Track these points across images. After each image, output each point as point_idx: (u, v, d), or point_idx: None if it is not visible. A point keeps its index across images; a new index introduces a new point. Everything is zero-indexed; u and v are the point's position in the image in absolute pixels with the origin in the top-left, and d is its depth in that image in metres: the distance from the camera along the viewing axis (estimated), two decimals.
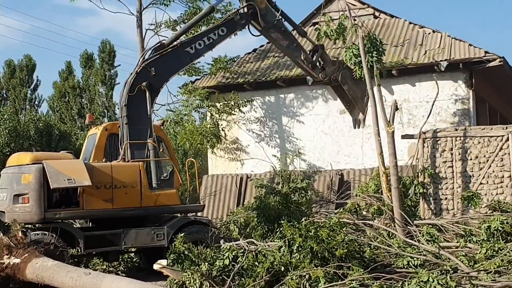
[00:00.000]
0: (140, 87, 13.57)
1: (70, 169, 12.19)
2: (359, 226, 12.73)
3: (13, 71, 48.73)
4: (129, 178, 12.88)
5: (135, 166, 13.04)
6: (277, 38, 15.41)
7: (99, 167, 12.78)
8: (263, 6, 14.93)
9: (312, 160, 19.82)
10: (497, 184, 15.25)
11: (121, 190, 12.73)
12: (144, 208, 13.01)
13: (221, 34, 14.80)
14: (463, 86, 18.21)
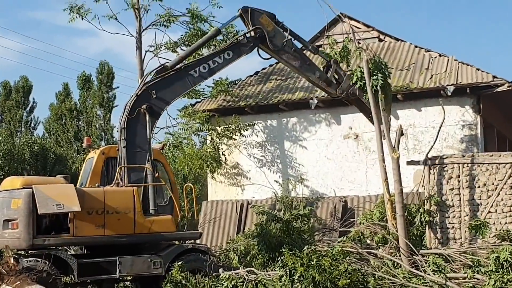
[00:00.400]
0: (140, 110, 13.57)
1: (59, 194, 12.15)
2: (363, 255, 12.65)
3: (9, 92, 48.95)
4: (122, 203, 12.77)
5: (128, 191, 12.95)
6: (288, 59, 15.27)
7: (91, 192, 12.73)
8: (270, 29, 14.85)
9: (315, 186, 19.75)
10: (506, 212, 15.19)
11: (114, 216, 12.61)
12: (137, 235, 12.86)
13: (227, 58, 14.70)
14: (470, 111, 18.20)
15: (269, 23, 14.82)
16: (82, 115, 46.87)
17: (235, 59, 14.85)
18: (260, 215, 17.68)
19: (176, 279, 10.90)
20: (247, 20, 14.75)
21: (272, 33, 14.85)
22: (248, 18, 14.71)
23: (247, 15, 14.70)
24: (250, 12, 14.70)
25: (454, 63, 19.12)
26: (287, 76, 21.30)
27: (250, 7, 14.78)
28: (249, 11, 14.70)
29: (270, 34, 14.79)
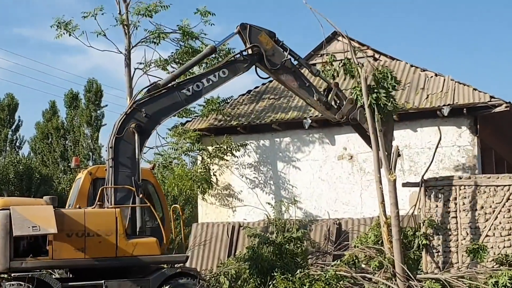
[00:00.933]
0: (129, 129, 13.51)
1: (37, 216, 12.05)
2: (357, 279, 12.66)
3: None
4: (103, 225, 12.63)
5: (110, 213, 12.84)
6: (287, 79, 15.00)
7: (70, 213, 12.64)
8: (269, 47, 14.69)
9: (308, 208, 19.73)
10: (504, 236, 15.20)
11: (95, 238, 12.48)
12: (119, 258, 12.67)
13: (222, 76, 14.51)
14: (467, 132, 18.27)
15: (268, 41, 14.68)
16: (69, 134, 46.76)
17: (231, 77, 14.67)
18: (252, 238, 17.62)
19: None
20: (245, 37, 14.64)
21: (271, 52, 14.69)
22: (247, 35, 14.60)
23: (245, 32, 14.60)
24: (249, 29, 14.60)
25: (451, 83, 19.23)
26: (280, 95, 21.36)
27: (249, 24, 14.65)
28: (248, 28, 14.59)
29: (268, 53, 14.64)
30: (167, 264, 13.53)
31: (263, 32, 14.71)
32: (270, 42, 14.69)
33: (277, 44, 14.85)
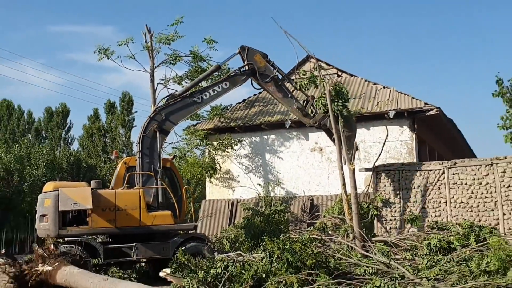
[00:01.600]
0: (152, 129, 13.57)
1: (78, 195, 12.22)
2: (325, 241, 12.68)
3: (51, 116, 48.84)
4: (130, 202, 12.71)
5: (135, 192, 12.90)
6: (273, 91, 14.82)
7: (105, 193, 12.72)
8: (262, 65, 14.57)
9: (288, 188, 19.80)
10: (435, 208, 15.33)
11: (123, 212, 12.57)
12: (142, 227, 12.75)
13: (225, 87, 14.48)
14: (407, 130, 18.38)
15: (261, 61, 14.57)
16: (108, 133, 46.79)
17: (231, 88, 14.60)
18: (246, 211, 17.69)
19: (180, 261, 10.85)
20: (244, 56, 14.54)
21: (263, 69, 14.57)
22: (245, 54, 14.50)
23: (244, 52, 14.52)
24: (247, 50, 14.52)
25: (395, 93, 19.33)
26: (267, 103, 21.40)
27: (247, 46, 14.58)
28: (246, 49, 14.52)
29: (261, 70, 14.54)
30: (178, 231, 13.50)
31: (258, 53, 14.62)
32: (263, 61, 14.59)
33: (268, 63, 14.73)
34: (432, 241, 11.38)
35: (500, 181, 14.54)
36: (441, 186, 15.27)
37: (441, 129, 21.19)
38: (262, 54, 14.66)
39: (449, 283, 9.56)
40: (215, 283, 9.85)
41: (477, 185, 14.85)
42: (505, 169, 14.60)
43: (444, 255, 10.99)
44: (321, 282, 8.87)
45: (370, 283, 8.70)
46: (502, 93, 13.37)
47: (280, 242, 10.01)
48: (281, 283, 9.09)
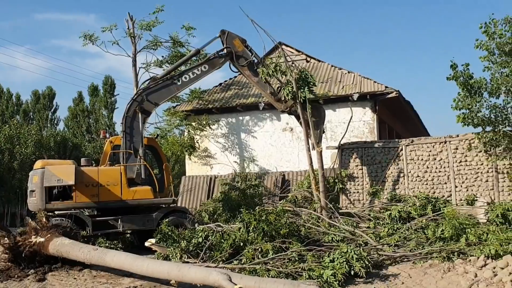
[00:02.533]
0: (135, 110, 13.33)
1: (61, 172, 12.07)
2: (297, 212, 12.80)
3: (38, 98, 47.89)
4: (111, 178, 12.54)
5: (117, 169, 12.73)
6: (249, 75, 14.37)
7: (88, 170, 12.54)
8: (240, 49, 14.14)
9: (262, 165, 19.84)
10: (394, 182, 15.60)
11: (105, 187, 12.42)
12: (123, 201, 12.58)
13: (204, 70, 14.07)
14: (369, 111, 18.54)
15: (240, 45, 14.15)
16: (92, 114, 46.15)
17: (210, 71, 14.19)
18: (223, 186, 17.69)
19: (164, 232, 10.81)
20: (223, 40, 14.14)
21: (241, 53, 14.15)
22: (225, 38, 14.09)
23: (224, 36, 14.11)
24: (227, 35, 14.10)
25: (358, 77, 19.41)
26: (242, 86, 21.26)
27: (227, 31, 14.15)
28: (226, 34, 14.10)
29: (238, 54, 14.11)
30: (158, 205, 13.21)
31: (237, 37, 14.19)
32: (241, 45, 14.17)
33: (246, 48, 14.31)
34: (393, 212, 11.61)
35: (452, 157, 14.86)
36: (400, 162, 15.52)
37: (400, 110, 21.44)
38: (241, 39, 14.26)
39: (408, 248, 9.80)
40: (197, 252, 9.88)
41: (432, 160, 15.15)
42: (457, 146, 14.92)
43: (403, 224, 11.22)
44: (294, 249, 8.97)
45: (338, 249, 8.84)
46: (456, 76, 13.49)
47: (256, 214, 10.06)
48: (257, 251, 9.17)
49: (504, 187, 14.29)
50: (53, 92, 48.49)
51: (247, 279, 6.92)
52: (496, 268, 7.53)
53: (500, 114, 13.70)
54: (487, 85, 13.49)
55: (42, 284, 8.74)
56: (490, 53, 13.63)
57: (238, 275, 7.15)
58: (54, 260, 9.90)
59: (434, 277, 8.07)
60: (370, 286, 7.67)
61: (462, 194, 14.47)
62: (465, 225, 9.87)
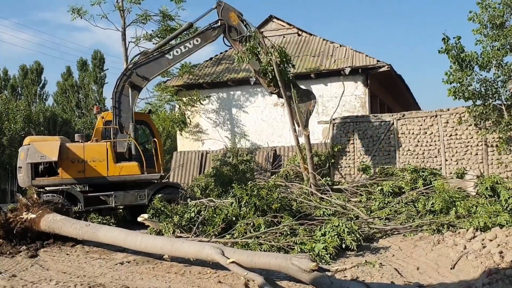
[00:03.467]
0: (125, 85, 13.14)
1: (45, 148, 11.97)
2: (288, 187, 12.85)
3: (26, 73, 47.17)
4: (97, 154, 12.41)
5: (103, 145, 12.60)
6: (241, 50, 13.52)
7: (73, 146, 12.43)
8: (235, 23, 13.49)
9: (254, 140, 19.81)
10: (386, 156, 15.68)
11: (91, 163, 12.32)
12: (110, 176, 12.49)
13: (196, 43, 13.60)
14: (361, 86, 18.48)
15: (235, 19, 13.59)
16: (81, 90, 45.75)
17: (202, 44, 13.69)
18: (215, 161, 17.69)
19: (157, 207, 10.83)
20: (219, 12, 13.62)
21: (235, 27, 13.61)
22: (220, 10, 13.57)
23: (219, 8, 13.58)
24: (223, 7, 13.58)
25: (350, 51, 19.29)
26: (233, 60, 20.93)
27: (224, 2, 13.61)
28: (222, 5, 13.58)
29: (233, 27, 13.55)
30: (144, 181, 13.01)
31: (233, 11, 13.64)
32: (237, 19, 13.61)
33: (242, 22, 13.74)
34: (385, 187, 11.65)
35: (443, 131, 14.93)
36: (391, 136, 15.58)
37: (391, 85, 21.41)
38: (238, 12, 13.73)
39: (398, 221, 9.91)
40: (190, 226, 9.92)
41: (422, 134, 15.22)
42: (448, 120, 14.97)
43: (394, 197, 11.31)
44: (286, 223, 9.03)
45: (329, 223, 8.92)
46: (447, 49, 13.44)
47: (248, 189, 10.08)
48: (249, 225, 9.23)
49: (493, 161, 14.43)
50: (41, 67, 47.81)
51: (240, 253, 6.97)
52: (485, 240, 7.65)
53: (490, 88, 13.75)
54: (478, 59, 13.48)
55: (35, 260, 8.74)
56: (483, 26, 13.59)
57: (231, 249, 7.20)
58: (46, 236, 9.89)
59: (424, 249, 8.19)
60: (361, 259, 7.77)
61: (452, 167, 14.60)
62: (455, 198, 9.98)
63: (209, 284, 6.78)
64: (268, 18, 21.83)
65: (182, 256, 7.68)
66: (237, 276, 6.82)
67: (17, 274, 7.76)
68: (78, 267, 8.16)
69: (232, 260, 6.66)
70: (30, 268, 8.19)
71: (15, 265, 8.43)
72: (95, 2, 20.26)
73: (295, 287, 6.46)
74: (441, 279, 6.55)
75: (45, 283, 7.17)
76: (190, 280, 7.08)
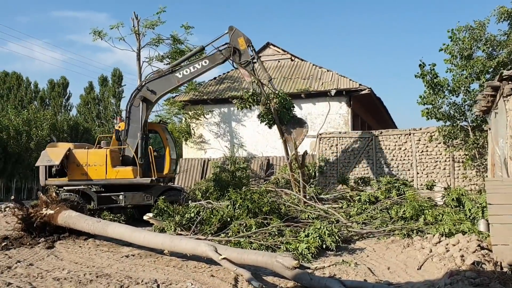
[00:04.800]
0: (136, 98, 13.03)
1: (53, 154, 11.97)
2: (278, 193, 12.74)
3: (53, 86, 47.24)
4: (98, 160, 12.24)
5: (103, 152, 12.41)
6: (244, 73, 13.20)
7: (79, 152, 12.31)
8: (243, 48, 12.91)
9: (250, 150, 19.77)
10: (364, 167, 15.62)
11: (93, 167, 12.19)
12: (108, 179, 12.28)
13: (204, 65, 13.09)
14: (344, 106, 18.50)
15: (243, 44, 12.96)
16: (101, 102, 45.72)
17: (210, 66, 13.16)
18: (215, 168, 17.60)
19: (161, 207, 10.71)
20: (230, 36, 13.10)
21: (242, 52, 12.94)
22: (231, 35, 13.06)
23: (231, 32, 13.07)
24: (234, 31, 13.05)
25: (336, 75, 19.35)
26: (234, 80, 21.08)
27: (235, 28, 13.07)
28: (233, 30, 13.04)
29: (240, 52, 12.91)
30: (136, 184, 12.56)
31: (243, 36, 13.08)
32: (244, 45, 13.02)
33: (248, 48, 13.15)
34: (363, 196, 11.56)
35: (416, 147, 14.91)
36: (370, 150, 15.54)
37: (371, 105, 21.44)
38: (246, 39, 13.13)
39: (374, 226, 9.80)
40: (189, 225, 9.80)
41: (397, 150, 15.19)
42: (420, 138, 14.96)
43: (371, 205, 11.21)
44: (274, 225, 8.93)
45: (312, 225, 8.82)
46: (423, 74, 13.47)
47: (242, 193, 10.00)
48: (242, 225, 9.11)
49: (459, 175, 14.38)
50: (66, 81, 47.90)
51: (231, 250, 6.86)
52: (448, 244, 7.55)
53: (458, 111, 13.75)
54: (449, 85, 13.51)
55: (51, 251, 8.61)
56: (453, 57, 13.63)
57: (224, 247, 7.08)
58: (63, 230, 9.74)
59: (395, 251, 8.08)
60: (339, 258, 7.66)
61: (423, 180, 14.54)
62: (424, 207, 9.90)
63: (203, 277, 6.66)
64: (266, 44, 21.91)
65: (180, 251, 7.57)
66: (228, 271, 6.70)
67: (34, 263, 7.63)
68: (89, 258, 8.03)
69: (223, 256, 6.55)
70: (46, 258, 8.05)
71: (33, 255, 8.29)
72: (114, 26, 20.35)
73: (279, 282, 6.35)
74: (408, 278, 6.45)
75: (58, 271, 7.04)
76: (187, 273, 6.96)
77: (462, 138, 13.89)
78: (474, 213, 9.22)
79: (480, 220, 8.59)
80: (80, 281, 6.37)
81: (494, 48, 13.49)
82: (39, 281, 6.47)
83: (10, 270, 7.14)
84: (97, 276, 6.67)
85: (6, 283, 6.32)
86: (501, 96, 8.82)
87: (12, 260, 7.81)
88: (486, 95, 9.72)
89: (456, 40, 13.55)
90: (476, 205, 9.30)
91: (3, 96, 44.24)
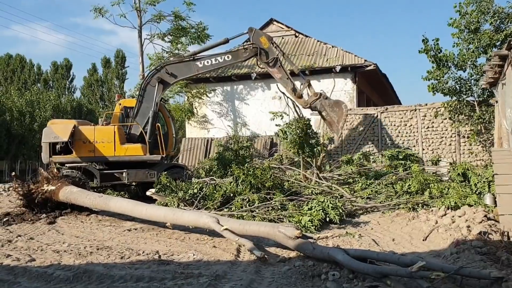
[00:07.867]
0: (154, 79, 12.83)
1: (59, 130, 11.82)
2: (282, 169, 12.65)
3: (57, 69, 47.09)
4: (106, 136, 12.16)
5: (111, 128, 12.31)
6: (273, 71, 13.17)
7: (85, 129, 12.20)
8: (266, 46, 12.91)
9: (253, 129, 19.61)
10: (370, 144, 15.46)
11: (101, 144, 12.11)
12: (116, 156, 12.22)
13: (226, 59, 13.00)
14: (350, 82, 18.22)
15: (266, 42, 12.93)
16: (105, 84, 45.53)
17: (232, 61, 13.17)
18: (218, 147, 17.48)
19: (163, 183, 10.65)
20: (250, 37, 13.11)
21: (267, 50, 12.97)
22: (252, 35, 13.05)
23: (251, 33, 13.07)
24: (254, 32, 13.08)
25: (341, 51, 19.01)
26: None
27: (254, 28, 13.10)
28: (253, 31, 13.07)
29: (264, 50, 12.93)
30: (146, 161, 12.57)
31: (264, 35, 13.11)
32: (267, 43, 12.99)
33: (272, 45, 13.18)
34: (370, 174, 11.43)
35: (421, 123, 14.70)
36: (375, 127, 15.35)
37: (377, 82, 21.13)
38: (268, 37, 13.15)
39: (378, 200, 9.72)
40: (192, 201, 9.74)
41: (403, 126, 14.99)
42: (426, 113, 14.74)
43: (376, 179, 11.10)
44: (277, 199, 8.85)
45: (316, 199, 8.72)
46: (426, 50, 13.18)
47: (245, 169, 9.90)
48: (245, 200, 9.04)
49: (465, 150, 14.19)
50: (70, 64, 47.72)
51: (233, 221, 6.79)
52: (454, 216, 7.43)
53: (465, 86, 13.50)
54: (455, 59, 13.22)
55: (52, 226, 8.58)
56: (460, 31, 13.32)
57: (226, 219, 7.01)
58: (65, 206, 9.72)
59: (400, 224, 7.99)
60: (342, 231, 7.58)
61: (429, 155, 14.38)
62: (430, 181, 9.77)
63: (205, 248, 6.60)
64: (269, 21, 21.54)
65: (182, 223, 7.50)
66: (230, 242, 6.64)
67: (34, 237, 7.60)
68: (90, 233, 7.99)
69: (225, 227, 6.48)
70: (47, 233, 8.03)
71: (34, 230, 8.27)
72: (115, 2, 20.03)
73: (282, 252, 6.27)
74: (414, 249, 6.35)
75: (58, 244, 7.01)
76: (189, 244, 6.90)
77: (468, 113, 13.67)
78: (480, 188, 9.08)
79: (487, 194, 8.45)
80: (80, 253, 6.33)
81: (502, 20, 13.14)
82: (39, 253, 6.43)
83: (10, 243, 7.11)
84: (97, 248, 6.63)
85: (5, 255, 6.29)
86: (509, 65, 8.57)
87: (13, 235, 7.79)
88: (494, 65, 9.46)
89: (463, 14, 13.21)
90: (482, 180, 9.15)
91: (7, 79, 44.22)
